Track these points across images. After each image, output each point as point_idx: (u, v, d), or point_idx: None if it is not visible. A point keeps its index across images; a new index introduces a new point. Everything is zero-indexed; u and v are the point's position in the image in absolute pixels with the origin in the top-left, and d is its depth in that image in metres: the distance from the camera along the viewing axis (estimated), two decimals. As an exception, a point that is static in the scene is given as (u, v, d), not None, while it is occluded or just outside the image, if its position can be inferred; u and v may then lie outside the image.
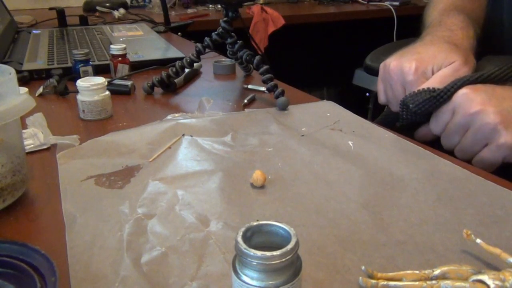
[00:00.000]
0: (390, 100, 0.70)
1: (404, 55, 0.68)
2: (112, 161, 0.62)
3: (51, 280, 0.34)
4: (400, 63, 0.66)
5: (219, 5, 1.24)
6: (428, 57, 0.65)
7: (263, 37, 2.01)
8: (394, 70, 0.66)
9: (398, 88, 0.67)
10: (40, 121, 0.72)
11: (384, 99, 0.72)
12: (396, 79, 0.66)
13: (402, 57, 0.67)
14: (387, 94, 0.70)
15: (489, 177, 0.57)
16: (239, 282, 0.31)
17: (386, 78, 0.69)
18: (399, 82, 0.66)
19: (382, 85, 0.71)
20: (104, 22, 1.76)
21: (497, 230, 0.47)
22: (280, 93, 0.82)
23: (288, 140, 0.68)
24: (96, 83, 0.77)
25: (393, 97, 0.70)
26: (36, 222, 0.50)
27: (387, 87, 0.70)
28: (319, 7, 2.39)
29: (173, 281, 0.40)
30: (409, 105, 0.64)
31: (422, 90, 0.64)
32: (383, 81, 0.71)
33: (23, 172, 0.53)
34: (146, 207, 0.51)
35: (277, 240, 0.33)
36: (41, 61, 1.06)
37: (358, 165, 0.60)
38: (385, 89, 0.70)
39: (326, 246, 0.44)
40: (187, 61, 0.87)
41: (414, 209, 0.51)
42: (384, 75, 0.69)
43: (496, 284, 0.36)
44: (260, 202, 0.52)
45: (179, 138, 0.68)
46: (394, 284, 0.38)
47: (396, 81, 0.66)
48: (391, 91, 0.69)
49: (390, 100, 0.70)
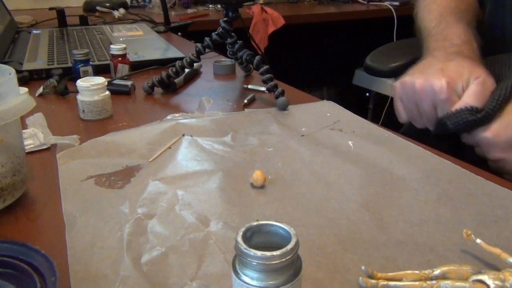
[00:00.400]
0: (415, 118, 0.69)
1: (426, 73, 0.66)
2: (112, 161, 0.62)
3: (51, 280, 0.34)
4: (428, 81, 0.64)
5: (219, 5, 1.24)
6: (454, 74, 0.64)
7: (263, 37, 2.00)
8: (422, 89, 0.64)
9: (428, 107, 0.65)
10: (40, 121, 0.72)
11: (406, 117, 0.70)
12: (425, 97, 0.64)
13: (425, 74, 0.65)
14: (411, 113, 0.68)
15: (489, 177, 0.57)
16: (239, 282, 0.31)
17: (409, 96, 0.67)
18: (430, 100, 0.64)
19: (402, 104, 0.70)
20: (104, 22, 1.75)
21: (497, 230, 0.47)
22: (280, 93, 0.82)
23: (288, 140, 0.68)
24: (96, 83, 0.77)
25: (418, 115, 0.68)
26: (36, 222, 0.50)
27: (409, 106, 0.68)
28: (319, 7, 2.39)
29: (173, 281, 0.40)
30: (447, 124, 0.63)
31: (461, 110, 0.62)
32: (403, 99, 0.69)
33: (23, 172, 0.53)
34: (146, 207, 0.51)
35: (277, 240, 0.33)
36: (41, 61, 1.06)
37: (358, 165, 0.60)
38: (407, 108, 0.69)
39: (326, 246, 0.44)
40: (187, 61, 0.87)
41: (414, 209, 0.51)
42: (405, 93, 0.67)
43: (496, 284, 0.36)
44: (260, 202, 0.52)
45: (179, 138, 0.68)
46: (394, 284, 0.38)
47: (426, 99, 0.65)
48: (416, 110, 0.67)
49: (415, 118, 0.69)
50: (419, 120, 0.69)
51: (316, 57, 2.48)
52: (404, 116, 0.70)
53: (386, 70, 1.21)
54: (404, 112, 0.70)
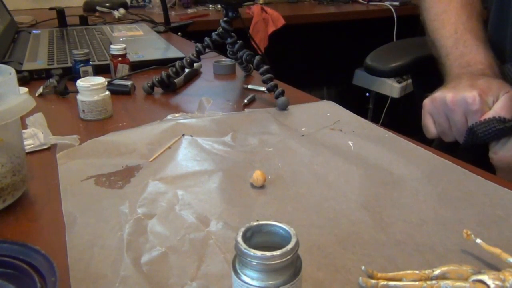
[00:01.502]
0: (445, 131, 0.71)
1: (457, 88, 0.68)
2: (112, 161, 0.62)
3: (51, 280, 0.34)
4: (459, 94, 0.66)
5: (219, 5, 1.24)
6: (484, 88, 0.67)
7: (263, 37, 2.00)
8: (454, 101, 0.67)
9: (460, 118, 0.67)
10: (40, 121, 0.72)
11: (435, 132, 0.72)
12: (457, 109, 0.67)
13: (456, 90, 0.68)
14: (441, 126, 0.71)
15: (489, 177, 0.57)
16: (239, 282, 0.31)
17: (439, 110, 0.69)
18: (461, 112, 0.67)
19: (431, 119, 0.72)
20: (104, 22, 1.75)
21: (497, 230, 0.47)
22: (280, 93, 0.82)
23: (288, 140, 0.68)
24: (96, 83, 0.77)
25: (448, 128, 0.70)
26: (36, 222, 0.50)
27: (439, 119, 0.70)
28: (319, 7, 2.39)
29: (173, 281, 0.40)
30: (477, 133, 0.65)
31: (490, 119, 0.64)
32: (433, 114, 0.71)
33: (23, 172, 0.53)
34: (146, 207, 0.51)
35: (277, 240, 0.33)
36: (41, 61, 1.06)
37: (358, 165, 0.60)
38: (438, 122, 0.71)
39: (326, 246, 0.44)
40: (187, 61, 0.87)
41: (414, 209, 0.51)
42: (436, 107, 0.70)
43: (496, 284, 0.36)
44: (260, 202, 0.52)
45: (179, 138, 0.68)
46: (394, 284, 0.38)
47: (458, 111, 0.67)
48: (446, 123, 0.69)
49: (445, 131, 0.71)
50: (449, 133, 0.70)
51: (316, 57, 2.48)
52: (434, 130, 0.72)
53: (386, 70, 1.21)
54: (433, 126, 0.72)
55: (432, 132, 0.72)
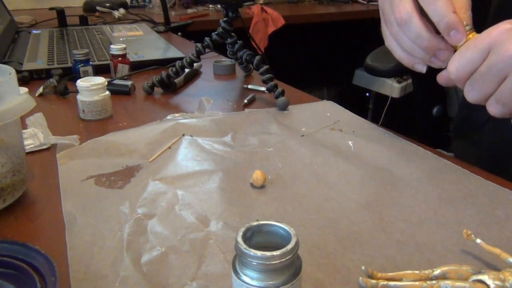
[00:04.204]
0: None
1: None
2: (112, 161, 0.62)
3: (51, 280, 0.34)
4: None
5: (219, 5, 1.24)
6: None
7: (263, 37, 2.01)
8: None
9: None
10: (40, 121, 0.72)
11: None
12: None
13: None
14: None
15: (489, 177, 0.57)
16: (239, 282, 0.31)
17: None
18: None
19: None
20: (104, 22, 1.76)
21: (497, 230, 0.47)
22: (280, 93, 0.82)
23: (288, 140, 0.68)
24: (96, 83, 0.77)
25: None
26: (36, 222, 0.50)
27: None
28: (319, 7, 2.39)
29: (173, 281, 0.40)
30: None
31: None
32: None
33: (23, 172, 0.53)
34: (146, 207, 0.51)
35: (277, 240, 0.33)
36: (41, 61, 1.06)
37: (358, 165, 0.60)
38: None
39: (326, 246, 0.44)
40: (187, 61, 0.87)
41: (414, 209, 0.51)
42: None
43: (496, 284, 0.36)
44: (260, 202, 0.52)
45: (179, 138, 0.68)
46: (394, 284, 0.38)
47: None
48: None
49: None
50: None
51: (316, 57, 2.48)
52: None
53: (386, 70, 1.20)
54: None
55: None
